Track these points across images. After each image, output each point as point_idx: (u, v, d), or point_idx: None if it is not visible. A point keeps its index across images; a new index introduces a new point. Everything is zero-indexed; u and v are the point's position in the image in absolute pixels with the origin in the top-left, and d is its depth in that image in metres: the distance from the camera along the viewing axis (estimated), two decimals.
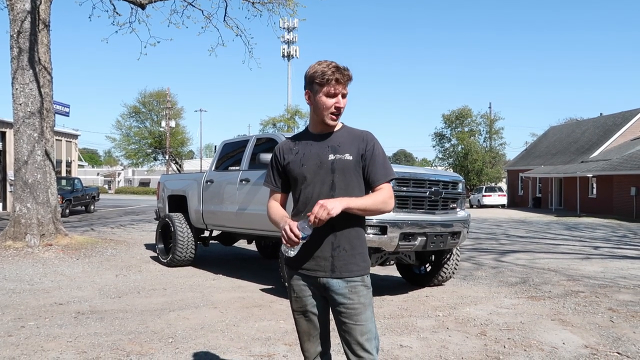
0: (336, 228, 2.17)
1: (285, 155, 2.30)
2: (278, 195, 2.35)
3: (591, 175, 28.08)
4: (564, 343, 4.31)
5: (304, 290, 2.26)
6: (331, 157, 2.20)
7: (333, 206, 2.03)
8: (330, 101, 2.19)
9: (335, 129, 2.28)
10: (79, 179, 22.97)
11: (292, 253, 2.10)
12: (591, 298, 6.10)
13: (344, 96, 2.21)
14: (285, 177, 2.31)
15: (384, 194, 2.19)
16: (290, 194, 2.36)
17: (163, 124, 50.02)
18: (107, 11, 12.43)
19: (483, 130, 44.92)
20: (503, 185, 45.19)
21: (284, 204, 2.35)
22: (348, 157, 2.19)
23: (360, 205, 2.13)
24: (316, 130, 2.29)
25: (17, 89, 9.46)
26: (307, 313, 2.28)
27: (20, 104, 9.45)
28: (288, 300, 6.00)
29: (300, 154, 2.26)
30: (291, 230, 2.05)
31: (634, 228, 18.42)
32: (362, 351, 2.17)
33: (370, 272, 2.31)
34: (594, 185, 29.45)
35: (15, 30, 9.49)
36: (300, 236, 2.05)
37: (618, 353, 4.06)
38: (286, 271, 2.33)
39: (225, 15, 13.08)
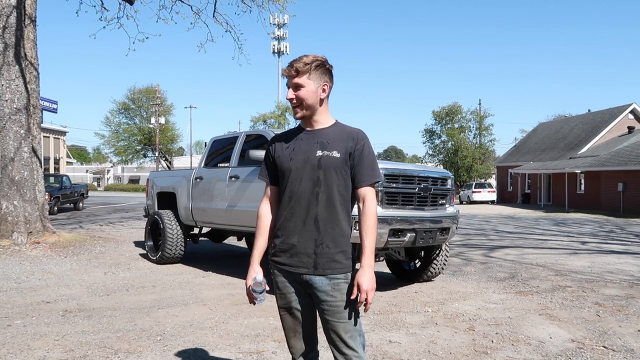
0: (320, 225, 2.17)
1: (277, 149, 2.31)
2: (269, 189, 2.35)
3: (579, 171, 28.36)
4: (551, 337, 4.35)
5: (288, 287, 2.26)
6: (319, 153, 2.20)
7: (372, 285, 2.13)
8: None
9: (327, 125, 2.28)
10: (67, 176, 22.79)
11: (256, 303, 2.30)
12: (578, 293, 6.16)
13: (295, 87, 2.22)
14: (275, 170, 2.32)
15: (370, 208, 2.19)
16: None
17: (152, 120, 49.67)
18: (94, 6, 12.25)
19: (473, 127, 45.16)
20: (492, 181, 45.52)
21: (277, 198, 2.34)
22: (336, 154, 2.18)
23: (370, 245, 2.17)
24: (305, 126, 2.30)
25: (2, 85, 9.34)
26: (291, 309, 2.28)
27: (6, 101, 9.34)
28: None
29: (291, 149, 2.26)
30: (248, 291, 2.26)
31: (621, 223, 18.64)
32: (347, 348, 2.18)
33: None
34: (582, 181, 29.76)
35: (1, 26, 9.36)
36: (256, 299, 2.26)
37: (604, 347, 4.11)
38: (271, 267, 2.33)
39: (214, 11, 12.98)
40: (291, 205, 2.21)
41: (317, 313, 2.27)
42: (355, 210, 2.25)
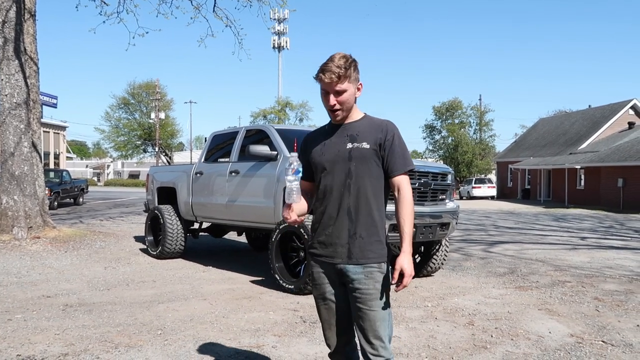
0: (352, 216, 2.22)
1: (309, 145, 2.37)
2: (303, 183, 2.39)
3: (579, 167, 28.35)
4: (550, 332, 4.37)
5: (323, 278, 2.31)
6: (349, 145, 2.25)
7: (412, 270, 2.15)
8: (325, 99, 2.24)
9: (356, 118, 2.31)
10: (67, 171, 22.76)
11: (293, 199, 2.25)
12: (577, 288, 6.18)
13: (337, 93, 2.20)
14: (309, 165, 2.37)
15: (405, 196, 2.24)
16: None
17: (152, 115, 49.62)
18: (94, 1, 12.18)
19: (473, 122, 45.13)
20: (493, 177, 45.51)
21: (309, 191, 2.41)
22: (365, 145, 2.23)
23: (409, 231, 2.21)
24: (335, 121, 2.32)
25: (2, 79, 9.33)
26: (326, 300, 2.33)
27: (6, 95, 9.32)
28: (277, 292, 5.96)
29: (322, 144, 2.31)
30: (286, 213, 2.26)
31: (621, 219, 18.65)
32: (374, 337, 2.20)
33: None
34: (582, 177, 29.75)
35: (0, 20, 9.34)
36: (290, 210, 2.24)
37: (603, 342, 4.12)
38: (308, 260, 2.39)
39: (214, 6, 12.91)
40: (325, 198, 2.27)
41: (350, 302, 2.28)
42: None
